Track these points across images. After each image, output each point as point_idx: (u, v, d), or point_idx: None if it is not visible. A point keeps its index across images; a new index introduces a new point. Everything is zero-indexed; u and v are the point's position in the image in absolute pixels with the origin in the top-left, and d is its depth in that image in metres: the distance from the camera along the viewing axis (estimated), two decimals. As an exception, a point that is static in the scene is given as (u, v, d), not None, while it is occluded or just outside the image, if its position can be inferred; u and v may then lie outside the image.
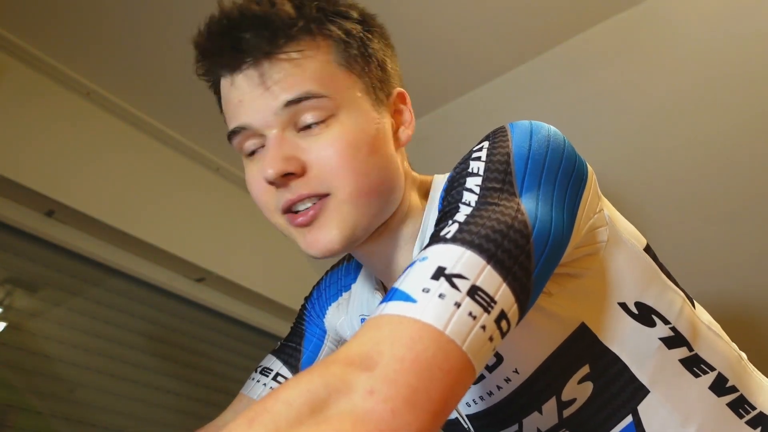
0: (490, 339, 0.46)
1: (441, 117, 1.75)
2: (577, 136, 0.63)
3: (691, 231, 1.71)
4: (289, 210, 0.65)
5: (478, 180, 0.55)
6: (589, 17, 1.51)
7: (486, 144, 0.59)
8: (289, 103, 0.62)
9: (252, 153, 0.67)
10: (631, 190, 1.70)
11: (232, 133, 0.66)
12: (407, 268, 0.50)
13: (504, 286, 0.47)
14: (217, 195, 2.09)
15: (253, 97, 0.63)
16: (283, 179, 0.63)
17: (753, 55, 1.43)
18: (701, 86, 1.51)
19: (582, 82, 1.62)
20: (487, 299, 0.46)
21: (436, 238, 0.51)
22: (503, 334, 0.47)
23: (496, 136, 0.60)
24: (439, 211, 0.57)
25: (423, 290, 0.45)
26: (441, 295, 0.45)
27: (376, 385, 0.40)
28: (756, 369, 0.74)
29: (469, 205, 0.53)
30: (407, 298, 0.45)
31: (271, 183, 0.64)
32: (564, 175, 0.58)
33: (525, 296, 0.49)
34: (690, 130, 1.58)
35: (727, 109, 1.52)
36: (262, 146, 0.66)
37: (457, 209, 0.54)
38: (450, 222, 0.52)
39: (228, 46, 0.63)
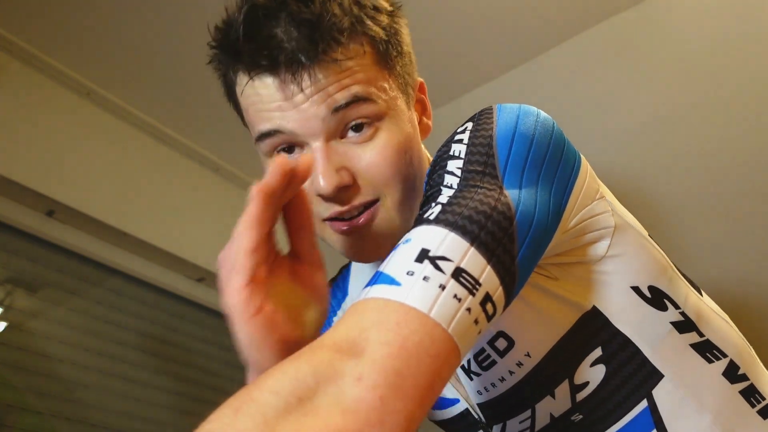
0: (476, 322, 0.45)
1: (442, 116, 1.75)
2: (578, 136, 0.62)
3: (693, 229, 1.71)
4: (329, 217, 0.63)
5: (459, 163, 0.54)
6: (590, 17, 1.51)
7: (469, 125, 0.58)
8: (338, 109, 0.59)
9: (278, 152, 0.63)
10: (631, 189, 1.70)
11: (265, 136, 0.62)
12: (392, 250, 0.49)
13: (488, 268, 0.47)
14: (217, 195, 2.09)
15: (295, 102, 0.59)
16: (338, 192, 0.60)
17: (753, 53, 1.43)
18: (701, 85, 1.51)
19: (582, 81, 1.62)
20: (472, 281, 0.45)
21: (419, 220, 0.50)
22: (489, 318, 0.47)
23: (481, 117, 0.59)
24: (423, 195, 0.56)
25: (407, 273, 0.45)
26: (425, 278, 0.44)
27: (365, 371, 0.39)
28: (761, 362, 0.74)
29: (450, 187, 0.52)
30: (391, 281, 0.45)
31: (326, 197, 0.61)
32: (551, 160, 0.56)
33: (510, 279, 0.48)
34: (690, 129, 1.58)
35: (727, 108, 1.52)
36: (297, 149, 0.62)
37: (439, 192, 0.53)
38: (433, 204, 0.51)
39: (266, 44, 0.58)
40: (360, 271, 0.83)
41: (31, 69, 1.65)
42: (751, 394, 0.66)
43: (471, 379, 0.70)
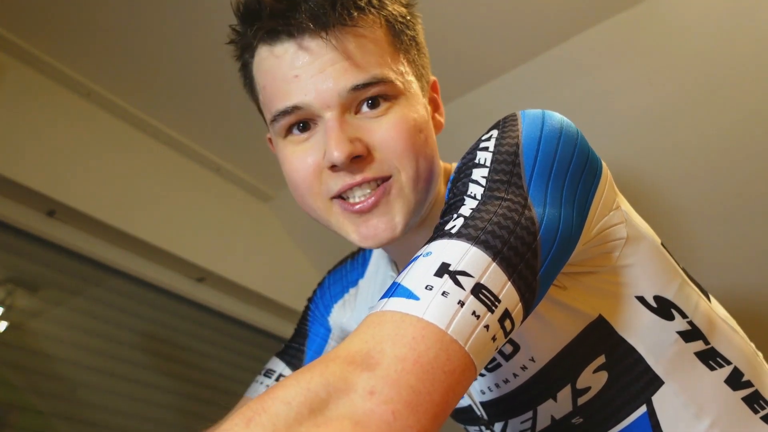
0: (493, 339, 0.45)
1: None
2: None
3: (694, 229, 1.71)
4: (339, 196, 0.64)
5: (485, 171, 0.53)
6: (589, 17, 1.51)
7: (495, 133, 0.57)
8: (356, 88, 0.60)
9: (291, 132, 0.64)
10: (631, 190, 1.70)
11: (282, 114, 0.62)
12: (411, 261, 0.48)
13: (509, 284, 0.46)
14: (217, 195, 2.09)
15: (312, 72, 0.60)
16: (350, 163, 0.61)
17: (754, 53, 1.43)
18: (702, 85, 1.51)
19: (582, 82, 1.62)
20: (492, 298, 0.45)
21: (440, 232, 0.50)
22: (507, 334, 0.46)
23: (506, 125, 0.58)
24: (446, 202, 0.56)
25: (426, 287, 0.44)
26: (444, 293, 0.44)
27: (378, 385, 0.39)
28: None
29: (474, 198, 0.52)
30: (410, 294, 0.44)
31: (333, 167, 0.61)
32: (575, 170, 0.55)
33: (530, 295, 0.48)
34: (691, 129, 1.58)
35: (727, 108, 1.52)
36: (309, 126, 0.63)
37: (462, 202, 0.52)
38: (455, 215, 0.51)
39: (285, 8, 0.59)
40: (380, 256, 0.83)
41: (31, 69, 1.65)
42: (755, 400, 0.66)
43: (475, 378, 0.70)
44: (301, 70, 0.60)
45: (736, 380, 0.66)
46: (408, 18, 0.67)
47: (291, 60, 0.60)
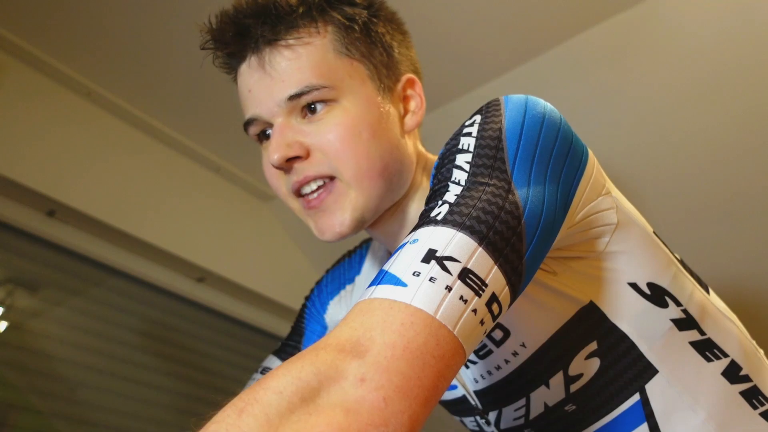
0: (481, 322, 0.45)
1: (441, 116, 1.75)
2: (578, 135, 0.62)
3: (693, 226, 1.71)
4: (299, 193, 0.69)
5: (468, 157, 0.54)
6: (589, 17, 1.51)
7: (478, 118, 0.58)
8: (292, 97, 0.66)
9: (266, 138, 0.71)
10: (630, 190, 1.70)
11: (247, 124, 0.70)
12: (397, 249, 0.49)
13: (495, 268, 0.46)
14: (217, 195, 2.09)
15: (259, 87, 0.67)
16: (288, 164, 0.67)
17: (753, 52, 1.43)
18: (701, 85, 1.51)
19: (582, 81, 1.62)
20: (479, 282, 0.45)
21: (426, 219, 0.50)
22: (495, 317, 0.47)
23: (489, 110, 0.58)
24: (430, 188, 0.56)
25: (413, 273, 0.45)
26: (432, 279, 0.44)
27: (368, 372, 0.39)
28: None
29: (458, 183, 0.52)
30: (397, 281, 0.45)
31: (278, 168, 0.68)
32: (559, 155, 0.56)
33: (517, 278, 0.48)
34: (690, 129, 1.58)
35: (726, 108, 1.52)
36: (270, 133, 0.70)
37: (446, 188, 0.53)
38: (440, 202, 0.51)
39: (231, 35, 0.67)
40: (375, 251, 0.84)
41: (31, 69, 1.66)
42: (753, 395, 0.66)
43: (467, 367, 0.70)
44: (252, 85, 0.68)
45: (733, 373, 0.65)
46: (363, 19, 0.70)
47: (246, 77, 0.69)
